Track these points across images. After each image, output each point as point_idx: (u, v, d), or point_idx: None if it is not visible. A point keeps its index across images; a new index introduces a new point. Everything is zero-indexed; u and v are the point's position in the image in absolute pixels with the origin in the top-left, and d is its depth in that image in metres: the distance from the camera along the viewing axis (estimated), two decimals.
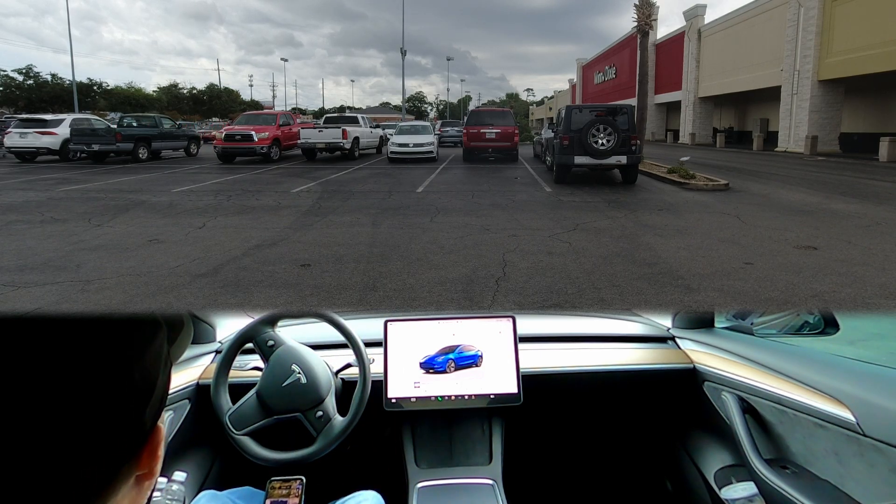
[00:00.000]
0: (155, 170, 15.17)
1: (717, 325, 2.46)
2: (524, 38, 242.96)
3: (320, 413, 1.80)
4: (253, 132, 17.04)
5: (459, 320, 2.17)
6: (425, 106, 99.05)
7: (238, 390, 1.91)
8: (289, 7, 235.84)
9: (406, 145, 17.63)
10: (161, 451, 0.58)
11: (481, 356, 2.14)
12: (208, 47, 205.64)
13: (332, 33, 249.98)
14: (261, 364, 1.92)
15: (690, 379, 2.30)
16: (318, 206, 8.90)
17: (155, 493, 1.26)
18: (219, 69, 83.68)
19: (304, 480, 1.83)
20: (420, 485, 2.02)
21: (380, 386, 2.08)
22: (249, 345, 1.93)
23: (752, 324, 2.25)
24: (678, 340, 2.52)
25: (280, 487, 1.77)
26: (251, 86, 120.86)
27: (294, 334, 1.99)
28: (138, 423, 0.53)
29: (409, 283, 4.71)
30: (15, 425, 0.44)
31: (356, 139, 18.73)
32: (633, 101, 16.05)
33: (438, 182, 12.28)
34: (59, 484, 0.46)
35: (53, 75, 50.19)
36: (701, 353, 2.31)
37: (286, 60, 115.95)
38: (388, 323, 2.17)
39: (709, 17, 31.36)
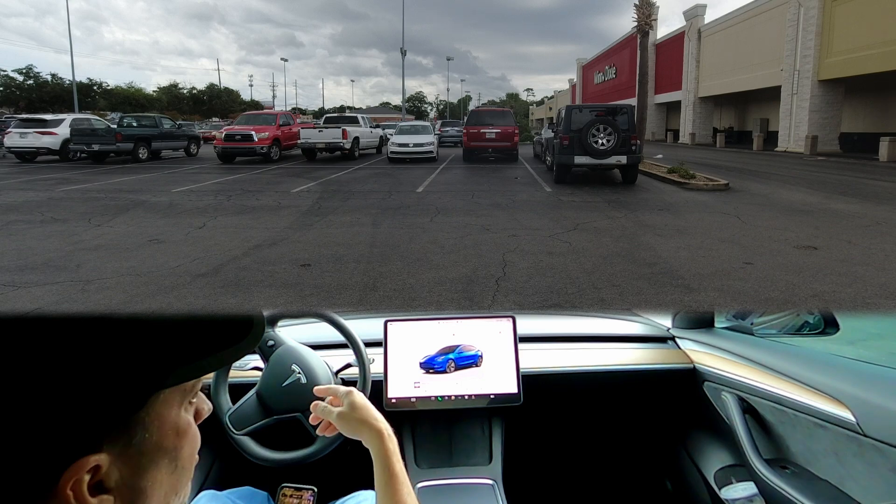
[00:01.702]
0: (155, 170, 15.17)
1: (717, 325, 2.46)
2: (525, 38, 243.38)
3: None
4: (253, 132, 17.04)
5: (459, 320, 2.17)
6: (425, 106, 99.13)
7: (238, 390, 1.91)
8: (290, 7, 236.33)
9: (406, 145, 17.63)
10: (81, 490, 0.48)
11: (481, 356, 2.14)
12: (209, 47, 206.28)
13: (333, 33, 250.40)
14: (261, 364, 1.91)
15: (690, 379, 2.30)
16: (318, 206, 8.90)
17: None
18: (219, 69, 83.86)
19: (316, 491, 1.81)
20: (420, 485, 2.02)
21: (380, 386, 2.08)
22: None
23: (752, 324, 2.25)
24: (678, 340, 2.51)
25: (291, 496, 1.73)
26: (251, 86, 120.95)
27: (294, 334, 1.99)
28: (31, 455, 0.44)
29: (409, 283, 4.71)
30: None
31: (356, 139, 18.74)
32: (633, 101, 16.05)
33: (438, 182, 12.28)
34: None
35: (53, 75, 50.30)
36: (701, 353, 2.31)
37: (286, 60, 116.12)
38: (388, 323, 2.16)
39: (709, 17, 31.37)
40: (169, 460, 0.57)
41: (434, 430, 2.24)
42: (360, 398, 1.25)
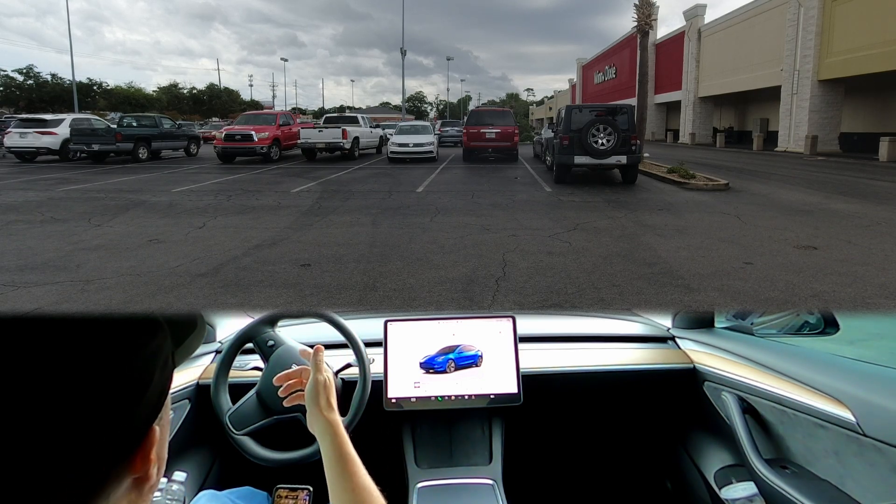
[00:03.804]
0: (155, 170, 15.17)
1: (717, 325, 2.47)
2: (525, 38, 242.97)
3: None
4: (253, 132, 17.04)
5: (459, 320, 2.17)
6: (425, 106, 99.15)
7: (238, 390, 1.91)
8: (292, 8, 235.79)
9: (406, 145, 17.63)
10: (155, 455, 0.56)
11: (481, 356, 2.14)
12: (210, 47, 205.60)
13: (334, 34, 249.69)
14: (261, 364, 1.91)
15: (690, 379, 2.30)
16: (318, 205, 8.90)
17: (155, 493, 1.25)
18: (219, 69, 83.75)
19: (312, 491, 1.81)
20: (420, 485, 2.02)
21: (380, 386, 2.08)
22: (249, 345, 1.93)
23: (752, 324, 2.25)
24: (678, 340, 2.52)
25: (287, 496, 1.74)
26: (251, 86, 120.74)
27: (294, 334, 1.99)
28: (128, 425, 0.51)
29: (409, 283, 4.71)
30: (4, 425, 0.43)
31: (356, 139, 18.73)
32: (633, 101, 16.06)
33: (438, 182, 12.28)
34: (47, 485, 0.45)
35: (53, 75, 50.33)
36: (701, 353, 2.32)
37: (286, 60, 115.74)
38: (388, 323, 2.16)
39: (709, 16, 31.38)
40: (168, 431, 0.65)
41: (434, 430, 2.24)
42: (331, 382, 1.30)
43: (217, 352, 2.36)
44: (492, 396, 2.11)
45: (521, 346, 2.16)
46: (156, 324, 0.57)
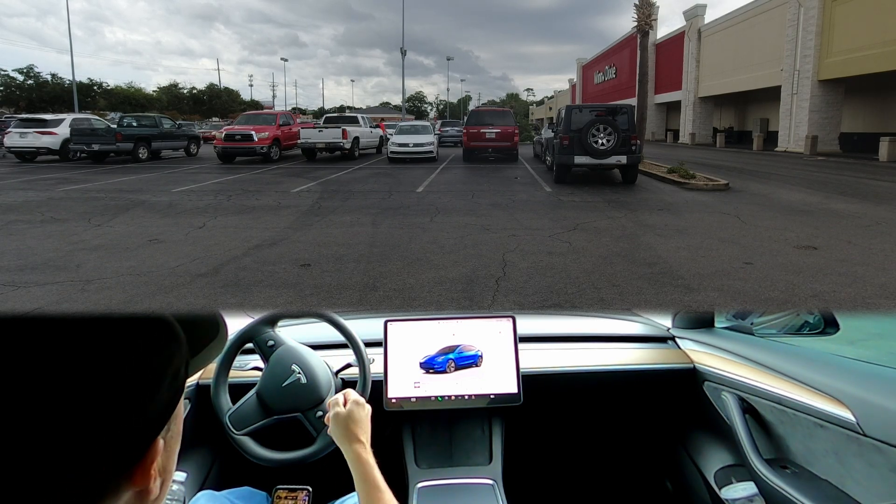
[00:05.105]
0: (155, 170, 15.17)
1: (717, 325, 2.46)
2: (526, 38, 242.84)
3: (320, 413, 1.80)
4: (253, 132, 17.04)
5: (459, 320, 2.17)
6: (425, 106, 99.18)
7: (238, 390, 1.91)
8: (293, 8, 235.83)
9: (406, 145, 17.63)
10: (158, 469, 0.54)
11: (481, 356, 2.14)
12: (211, 47, 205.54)
13: (335, 34, 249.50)
14: (261, 364, 1.91)
15: (690, 379, 2.30)
16: (318, 205, 8.90)
17: None
18: (219, 69, 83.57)
19: (311, 491, 1.81)
20: (420, 485, 2.02)
21: (380, 386, 2.08)
22: (249, 345, 1.93)
23: (752, 324, 2.25)
24: (678, 340, 2.51)
25: (286, 497, 1.74)
26: (251, 86, 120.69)
27: (294, 334, 1.99)
28: (128, 436, 0.49)
29: (409, 283, 4.71)
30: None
31: (356, 139, 18.74)
32: (633, 101, 16.05)
33: (438, 182, 12.28)
34: (37, 493, 0.43)
35: (53, 75, 50.30)
36: (701, 353, 2.31)
37: (286, 60, 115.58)
38: (388, 323, 2.16)
39: (709, 16, 31.39)
40: (177, 444, 0.64)
41: (434, 430, 2.24)
42: (361, 413, 1.42)
43: None
44: (492, 396, 2.11)
45: (521, 346, 2.16)
46: (169, 332, 0.55)
